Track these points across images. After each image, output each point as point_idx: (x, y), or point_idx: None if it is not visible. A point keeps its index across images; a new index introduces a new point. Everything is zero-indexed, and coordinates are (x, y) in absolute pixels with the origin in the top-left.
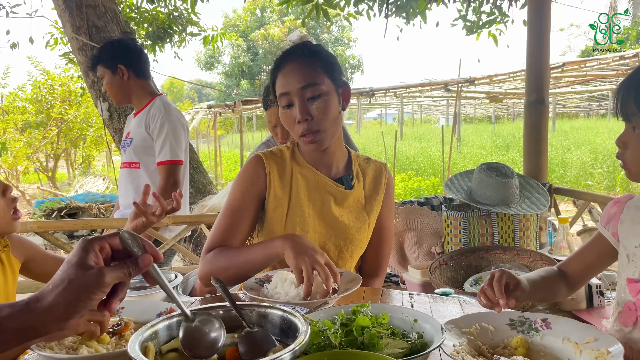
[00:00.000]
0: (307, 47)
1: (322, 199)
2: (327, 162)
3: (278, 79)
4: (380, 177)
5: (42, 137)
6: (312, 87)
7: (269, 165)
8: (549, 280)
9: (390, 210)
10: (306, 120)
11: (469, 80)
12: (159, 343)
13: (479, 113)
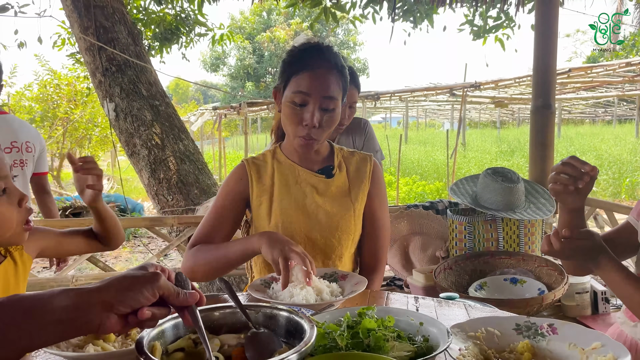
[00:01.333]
0: (338, 60)
1: (303, 191)
2: (308, 157)
3: (302, 75)
4: (364, 165)
5: (47, 136)
6: (330, 101)
7: (250, 168)
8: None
9: (382, 202)
10: (314, 127)
11: (474, 85)
12: (166, 342)
13: (484, 118)
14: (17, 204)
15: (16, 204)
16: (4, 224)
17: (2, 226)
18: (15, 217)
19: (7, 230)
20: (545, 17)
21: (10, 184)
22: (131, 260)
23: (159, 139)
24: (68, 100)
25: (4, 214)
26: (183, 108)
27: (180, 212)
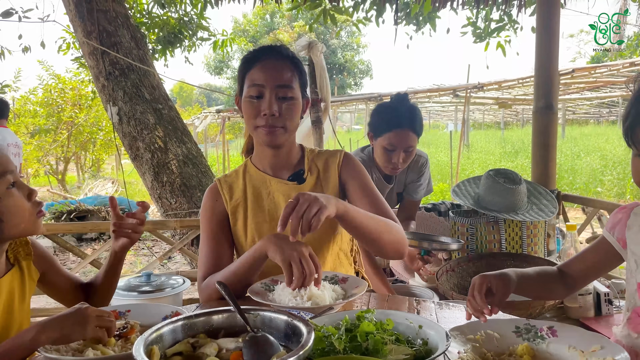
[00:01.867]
0: (288, 51)
1: (275, 202)
2: (280, 164)
3: (254, 69)
4: (332, 160)
5: (52, 140)
6: (286, 89)
7: (222, 187)
8: (546, 277)
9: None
10: (272, 115)
11: (477, 86)
12: (164, 346)
13: (488, 119)
14: (27, 197)
15: (26, 197)
16: (17, 214)
17: (16, 216)
18: (27, 207)
19: (20, 220)
20: (546, 18)
21: (18, 179)
22: (135, 264)
23: (162, 142)
24: (73, 105)
25: (16, 204)
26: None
27: (183, 215)
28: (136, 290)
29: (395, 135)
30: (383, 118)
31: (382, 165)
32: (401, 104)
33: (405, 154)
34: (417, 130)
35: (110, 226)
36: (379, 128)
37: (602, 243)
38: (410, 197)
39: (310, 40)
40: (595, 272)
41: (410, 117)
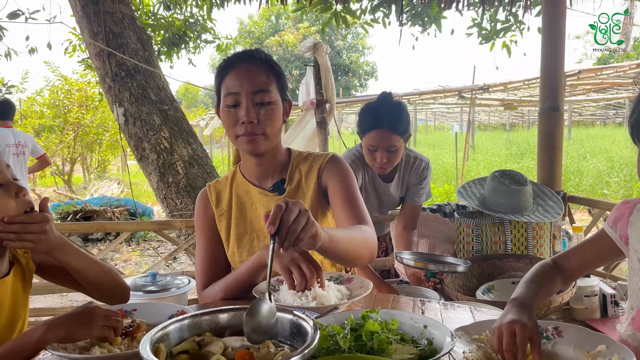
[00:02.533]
0: (262, 54)
1: (256, 213)
2: (264, 173)
3: (228, 77)
4: (315, 164)
5: (59, 141)
6: (263, 94)
7: (211, 193)
8: (544, 277)
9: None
10: (251, 122)
11: (483, 87)
12: (170, 345)
13: (494, 120)
14: (15, 195)
15: (14, 196)
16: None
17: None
18: (13, 207)
19: None
20: (552, 18)
21: (7, 179)
22: (141, 264)
23: (167, 143)
24: (79, 106)
25: (1, 205)
26: (192, 112)
27: (188, 216)
28: (142, 290)
29: (375, 136)
30: (365, 118)
31: (370, 164)
32: (383, 104)
33: (388, 153)
34: (399, 130)
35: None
36: (361, 128)
37: (602, 237)
38: (412, 201)
39: (315, 41)
40: (593, 265)
41: (390, 118)
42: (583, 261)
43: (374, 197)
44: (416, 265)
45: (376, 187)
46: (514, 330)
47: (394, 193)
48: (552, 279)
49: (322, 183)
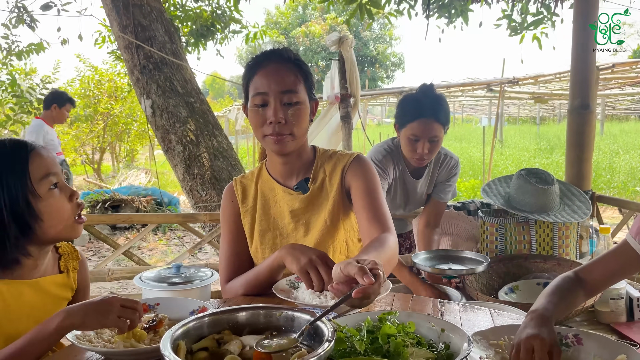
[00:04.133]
0: (290, 54)
1: (280, 211)
2: (289, 171)
3: (257, 77)
4: (339, 163)
5: (89, 130)
6: (290, 94)
7: (237, 189)
8: (565, 292)
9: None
10: (279, 123)
11: (512, 80)
12: (190, 342)
13: (524, 113)
14: (69, 198)
15: (68, 199)
16: (58, 215)
17: (56, 216)
18: (67, 209)
19: (60, 221)
20: (584, 11)
21: (62, 180)
22: (167, 253)
23: (193, 135)
24: (109, 96)
25: (57, 205)
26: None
27: (213, 207)
28: (166, 281)
29: (418, 125)
30: (407, 108)
31: (408, 157)
32: (425, 94)
33: (430, 144)
34: (442, 119)
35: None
36: (403, 119)
37: (625, 248)
38: (438, 198)
39: (340, 35)
40: (617, 277)
41: (434, 107)
42: (606, 273)
43: (401, 194)
44: (433, 272)
45: (405, 183)
46: (532, 346)
47: (421, 190)
48: (574, 292)
49: (346, 183)
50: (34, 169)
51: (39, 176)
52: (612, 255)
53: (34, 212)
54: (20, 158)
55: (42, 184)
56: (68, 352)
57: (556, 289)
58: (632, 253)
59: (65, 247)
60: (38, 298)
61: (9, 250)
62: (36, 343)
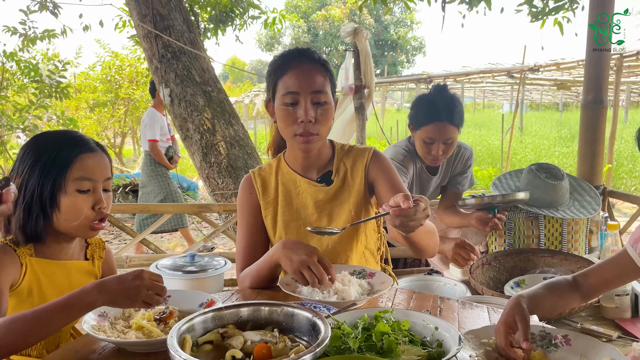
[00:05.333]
0: (317, 54)
1: (303, 202)
2: (310, 165)
3: (287, 76)
4: (360, 159)
5: (110, 115)
6: (320, 94)
7: (256, 181)
8: (559, 290)
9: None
10: (309, 122)
11: (533, 68)
12: (196, 335)
13: (547, 99)
14: (92, 206)
15: (90, 205)
16: (74, 214)
17: (72, 214)
18: (85, 212)
19: (74, 219)
20: (599, 4)
21: (97, 190)
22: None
23: (210, 124)
24: (129, 81)
25: (77, 205)
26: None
27: (229, 195)
28: (181, 270)
29: (433, 128)
30: (421, 111)
31: (423, 157)
32: (439, 96)
33: (444, 145)
34: (456, 122)
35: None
36: (417, 121)
37: (623, 256)
38: (455, 189)
39: (355, 26)
40: (613, 284)
41: (448, 110)
42: (602, 279)
43: (417, 190)
44: (476, 203)
45: (421, 180)
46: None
47: (436, 185)
48: (567, 292)
49: (369, 178)
50: (75, 168)
51: (74, 176)
52: (610, 263)
53: (55, 202)
54: (69, 154)
55: (74, 184)
56: (85, 341)
57: (550, 283)
58: (629, 262)
59: (93, 238)
60: (65, 279)
61: (30, 224)
62: (67, 309)
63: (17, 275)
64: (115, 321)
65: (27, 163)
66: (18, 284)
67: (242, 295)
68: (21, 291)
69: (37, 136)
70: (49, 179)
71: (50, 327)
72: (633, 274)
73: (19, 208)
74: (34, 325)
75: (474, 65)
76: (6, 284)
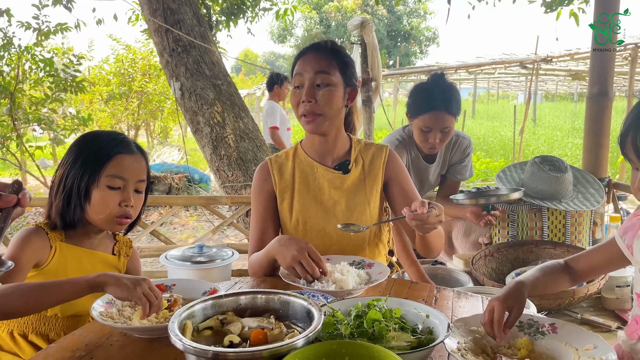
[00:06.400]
0: (329, 43)
1: (319, 187)
2: (327, 152)
3: (298, 63)
4: (378, 156)
5: (124, 108)
6: (323, 75)
7: (272, 167)
8: (551, 272)
9: (404, 177)
10: (309, 102)
11: (546, 59)
12: (196, 322)
13: (562, 90)
14: (119, 203)
15: (118, 202)
16: (102, 206)
17: (99, 208)
18: (111, 207)
19: (100, 212)
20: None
21: (127, 189)
22: (197, 229)
23: (220, 117)
24: (142, 74)
25: (106, 199)
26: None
27: (239, 188)
28: (190, 260)
29: (430, 117)
30: (418, 100)
31: (420, 145)
32: (436, 85)
33: (441, 134)
34: (453, 111)
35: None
36: (414, 109)
37: (612, 245)
38: (454, 178)
39: (362, 19)
40: (600, 270)
41: (445, 99)
42: (591, 265)
43: (415, 180)
44: (470, 203)
45: (419, 169)
46: (493, 306)
47: (434, 173)
48: (558, 275)
49: (386, 175)
50: (110, 165)
51: (109, 173)
52: (600, 249)
53: (88, 194)
54: (109, 152)
55: (106, 179)
56: (92, 327)
57: (543, 267)
58: (617, 250)
59: (122, 237)
60: (91, 267)
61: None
62: (68, 284)
63: (45, 256)
64: (122, 308)
65: (71, 156)
66: (46, 264)
67: (246, 283)
68: (48, 271)
69: (85, 134)
70: (87, 172)
71: (52, 295)
72: (620, 262)
73: (59, 197)
74: (36, 290)
75: (488, 55)
76: (29, 260)
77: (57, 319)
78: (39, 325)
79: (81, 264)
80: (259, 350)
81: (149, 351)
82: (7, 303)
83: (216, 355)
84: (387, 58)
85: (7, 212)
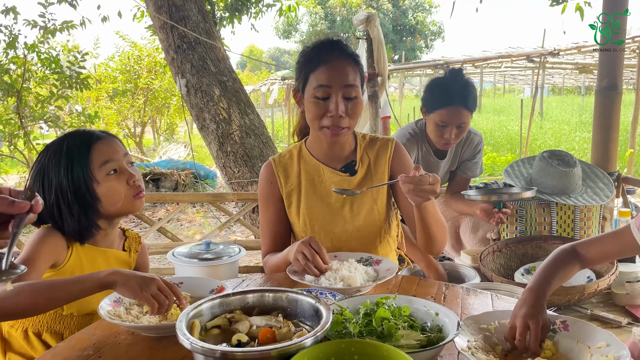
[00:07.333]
0: (350, 49)
1: (326, 189)
2: (333, 154)
3: (320, 70)
4: (384, 153)
5: (130, 105)
6: (351, 89)
7: (277, 169)
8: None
9: (408, 167)
10: (340, 116)
11: (553, 52)
12: (204, 320)
13: (569, 83)
14: (126, 181)
15: (125, 182)
16: (114, 196)
17: (113, 198)
18: (123, 190)
19: (117, 200)
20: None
21: (122, 165)
22: (204, 225)
23: (226, 113)
24: (148, 71)
25: (114, 189)
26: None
27: (245, 184)
28: (197, 257)
29: (447, 112)
30: (435, 94)
31: (435, 141)
32: (454, 80)
33: (457, 129)
34: (470, 106)
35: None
36: (431, 104)
37: (626, 234)
38: (464, 175)
39: (368, 14)
40: (612, 257)
41: (462, 94)
42: (603, 252)
43: None
44: (482, 199)
45: (429, 164)
46: (528, 324)
47: (444, 169)
48: (569, 266)
49: (392, 171)
50: (94, 157)
51: (98, 164)
52: (612, 236)
53: (94, 194)
54: (84, 149)
55: (101, 170)
56: (101, 325)
57: (552, 262)
58: (631, 241)
59: (131, 232)
60: (105, 265)
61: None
62: (78, 282)
63: (62, 256)
64: (130, 307)
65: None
66: (63, 264)
67: (254, 281)
68: (64, 272)
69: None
70: (79, 176)
71: (61, 295)
72: (632, 251)
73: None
74: (46, 288)
75: (494, 49)
76: (45, 259)
77: (73, 317)
78: (54, 324)
79: (95, 263)
80: (267, 350)
81: (157, 350)
82: (17, 302)
83: (224, 355)
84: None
85: (20, 217)
